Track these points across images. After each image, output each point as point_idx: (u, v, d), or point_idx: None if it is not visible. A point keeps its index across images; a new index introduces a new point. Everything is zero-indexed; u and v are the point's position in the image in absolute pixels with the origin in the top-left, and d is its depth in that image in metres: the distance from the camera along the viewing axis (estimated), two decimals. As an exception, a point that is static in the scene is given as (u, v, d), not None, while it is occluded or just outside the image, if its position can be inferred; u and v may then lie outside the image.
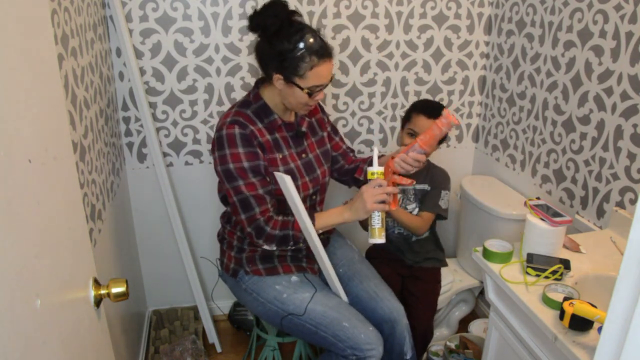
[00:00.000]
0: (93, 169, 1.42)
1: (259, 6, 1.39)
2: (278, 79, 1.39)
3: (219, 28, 1.88)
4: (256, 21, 1.37)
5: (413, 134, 1.73)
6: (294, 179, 1.49)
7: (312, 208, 1.60)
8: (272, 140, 1.47)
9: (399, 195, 1.82)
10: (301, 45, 1.33)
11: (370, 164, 1.52)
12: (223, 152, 1.40)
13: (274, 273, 1.55)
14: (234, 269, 1.59)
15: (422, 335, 1.78)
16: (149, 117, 1.89)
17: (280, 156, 1.48)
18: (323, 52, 1.36)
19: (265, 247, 1.47)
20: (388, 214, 1.72)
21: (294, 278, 1.55)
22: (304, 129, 1.55)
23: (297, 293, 1.51)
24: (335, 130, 1.72)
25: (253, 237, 1.45)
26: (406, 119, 1.79)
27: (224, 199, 1.60)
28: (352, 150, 1.76)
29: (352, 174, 1.70)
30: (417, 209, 1.83)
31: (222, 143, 1.40)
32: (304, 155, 1.56)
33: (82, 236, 0.90)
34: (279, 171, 1.46)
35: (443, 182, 1.82)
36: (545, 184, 1.85)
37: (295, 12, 1.39)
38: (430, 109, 1.74)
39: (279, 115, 1.49)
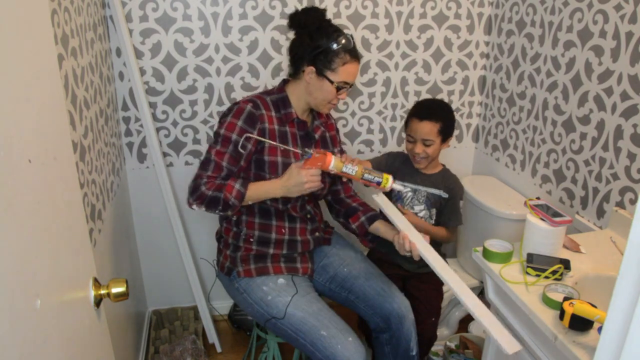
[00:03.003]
0: (93, 169, 1.42)
1: (300, 7, 1.55)
2: (310, 72, 1.48)
3: (219, 28, 1.88)
4: (298, 18, 1.50)
5: (411, 140, 1.73)
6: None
7: (302, 208, 1.60)
8: (280, 131, 1.51)
9: (409, 195, 1.79)
10: (339, 41, 1.45)
11: (371, 219, 1.63)
12: (225, 119, 1.48)
13: (264, 273, 1.56)
14: (228, 267, 1.59)
15: (428, 340, 1.77)
16: (149, 117, 1.89)
17: (282, 147, 1.49)
18: (355, 52, 1.49)
19: (194, 207, 1.44)
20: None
21: (281, 280, 1.55)
22: (316, 136, 1.60)
23: (280, 296, 1.50)
24: (341, 149, 1.74)
25: (188, 193, 1.45)
26: (406, 124, 1.78)
27: None
28: (355, 193, 1.76)
29: (347, 215, 1.68)
30: (424, 211, 1.79)
31: (230, 111, 1.49)
32: None
33: (82, 236, 0.90)
34: (276, 160, 1.49)
35: (460, 192, 1.82)
36: (545, 184, 1.85)
37: (330, 20, 1.52)
38: (421, 110, 1.72)
39: (295, 111, 1.54)
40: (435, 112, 1.70)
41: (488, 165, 2.23)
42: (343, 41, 1.45)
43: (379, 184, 1.43)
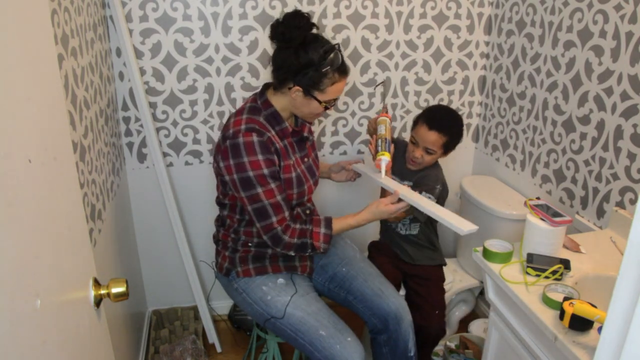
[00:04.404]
0: (93, 169, 1.42)
1: (282, 16, 1.39)
2: (297, 91, 1.40)
3: (219, 28, 1.88)
4: (280, 31, 1.37)
5: (414, 143, 1.71)
6: (302, 184, 1.52)
7: (303, 205, 1.61)
8: (284, 145, 1.49)
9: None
10: (328, 61, 1.35)
11: None
12: (240, 160, 1.38)
13: (263, 272, 1.56)
14: (227, 268, 1.59)
15: (434, 335, 1.77)
16: (149, 117, 1.89)
17: (292, 162, 1.50)
18: (344, 69, 1.41)
19: (284, 252, 1.49)
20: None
21: (280, 280, 1.55)
22: (306, 134, 1.58)
23: (279, 296, 1.50)
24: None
25: (270, 245, 1.47)
26: (414, 124, 1.76)
27: (220, 201, 1.61)
28: None
29: None
30: None
31: (238, 151, 1.38)
32: (306, 160, 1.58)
33: (82, 236, 0.90)
34: (291, 177, 1.48)
35: (427, 185, 1.72)
36: (545, 184, 1.85)
37: (315, 25, 1.40)
38: (433, 119, 1.68)
39: (287, 123, 1.49)
40: (446, 125, 1.67)
41: (488, 165, 2.23)
42: (331, 60, 1.35)
43: (376, 152, 1.58)
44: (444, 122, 1.68)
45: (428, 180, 1.76)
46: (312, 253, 1.51)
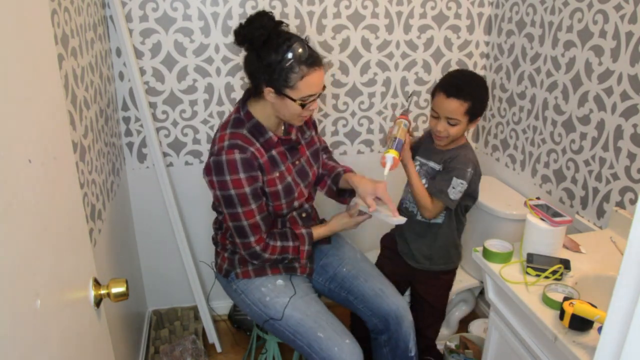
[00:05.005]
0: (93, 169, 1.42)
1: (245, 19, 1.35)
2: (269, 92, 1.35)
3: (219, 28, 1.88)
4: (243, 34, 1.34)
5: (435, 116, 1.55)
6: (291, 193, 1.50)
7: (302, 209, 1.60)
8: (269, 158, 1.44)
9: (417, 168, 1.66)
10: (289, 55, 1.30)
11: (335, 179, 1.64)
12: (223, 178, 1.37)
13: (262, 274, 1.56)
14: (226, 269, 1.59)
15: (424, 346, 1.76)
16: (149, 117, 1.89)
17: (277, 174, 1.46)
18: (312, 60, 1.33)
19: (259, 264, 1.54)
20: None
21: (279, 281, 1.55)
22: (293, 136, 1.53)
23: (278, 297, 1.51)
24: (315, 126, 1.68)
25: (248, 260, 1.51)
26: (432, 96, 1.59)
27: (215, 208, 1.61)
28: (328, 151, 1.76)
29: (316, 184, 1.68)
30: (426, 186, 1.62)
31: (221, 168, 1.37)
32: (297, 163, 1.54)
33: (82, 236, 0.90)
34: (277, 190, 1.45)
35: (457, 169, 1.54)
36: (545, 184, 1.85)
37: (282, 22, 1.36)
38: (449, 85, 1.52)
39: (273, 132, 1.44)
40: (465, 90, 1.49)
41: (488, 165, 2.23)
42: (294, 53, 1.29)
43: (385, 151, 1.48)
44: (462, 86, 1.51)
45: (457, 162, 1.56)
46: (289, 264, 1.57)
